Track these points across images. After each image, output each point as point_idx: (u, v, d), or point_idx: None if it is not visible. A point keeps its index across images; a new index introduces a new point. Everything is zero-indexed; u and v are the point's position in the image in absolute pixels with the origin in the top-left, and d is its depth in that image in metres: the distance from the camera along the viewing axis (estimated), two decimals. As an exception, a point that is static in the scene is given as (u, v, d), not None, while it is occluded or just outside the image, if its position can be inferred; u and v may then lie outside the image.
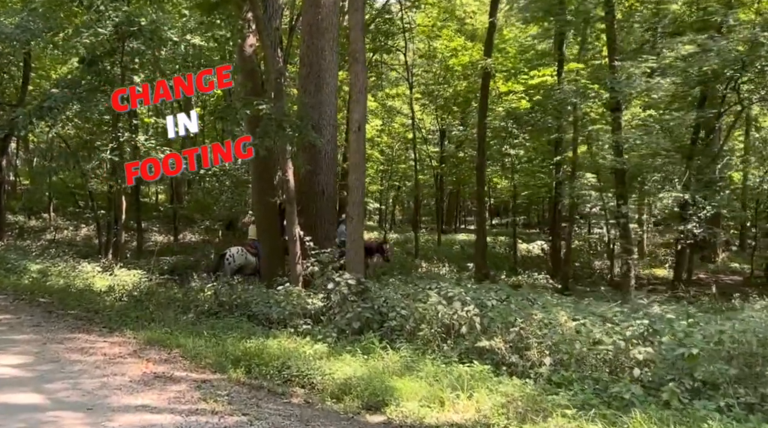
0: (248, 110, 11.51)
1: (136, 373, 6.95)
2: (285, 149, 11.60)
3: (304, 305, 9.83)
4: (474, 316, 7.60)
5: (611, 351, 6.33)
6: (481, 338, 7.22)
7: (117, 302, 12.21)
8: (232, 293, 11.05)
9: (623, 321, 7.36)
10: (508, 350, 6.92)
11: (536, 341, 6.78)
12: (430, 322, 7.95)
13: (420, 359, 7.13)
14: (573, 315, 7.63)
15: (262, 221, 14.67)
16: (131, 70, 18.86)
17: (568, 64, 21.56)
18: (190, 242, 26.83)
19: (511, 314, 7.59)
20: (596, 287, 16.97)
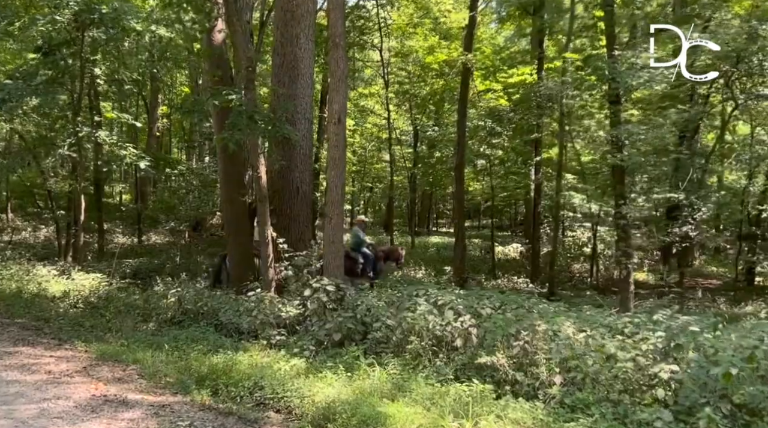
0: (217, 101, 10.56)
1: (83, 396, 5.98)
2: (257, 143, 10.68)
3: (277, 313, 8.93)
4: (470, 327, 6.78)
5: (630, 369, 5.54)
6: (480, 353, 6.40)
7: (71, 308, 11.21)
8: (198, 300, 10.12)
9: (634, 331, 6.62)
10: (512, 366, 6.11)
11: (544, 356, 5.97)
12: (419, 334, 7.11)
13: (411, 377, 6.29)
14: (579, 326, 6.86)
15: (231, 222, 13.71)
16: (92, 62, 17.72)
17: (551, 62, 20.99)
18: (155, 243, 25.74)
19: (511, 324, 6.77)
20: (581, 292, 16.35)
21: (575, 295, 15.77)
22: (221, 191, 14.06)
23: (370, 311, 8.04)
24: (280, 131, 10.51)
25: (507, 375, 6.09)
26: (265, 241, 10.81)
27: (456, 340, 6.79)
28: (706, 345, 5.58)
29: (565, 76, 14.59)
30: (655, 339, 6.12)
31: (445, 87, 24.21)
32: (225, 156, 13.46)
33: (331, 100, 9.30)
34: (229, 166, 13.59)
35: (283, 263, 11.03)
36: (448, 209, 50.15)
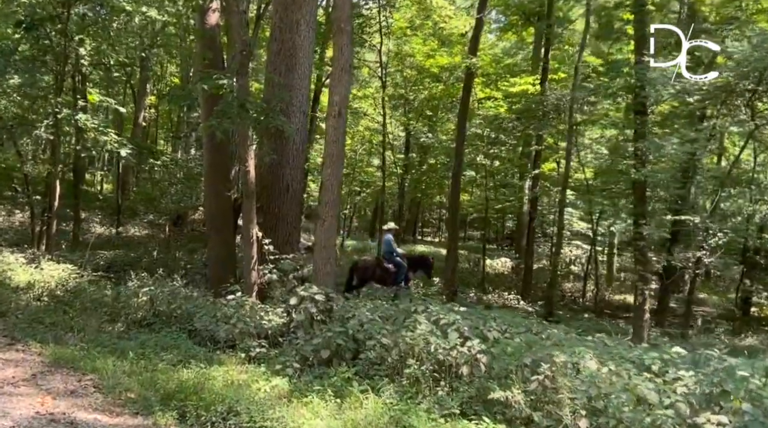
0: (206, 86, 9.70)
1: (25, 413, 5.07)
2: (246, 134, 9.84)
3: (258, 322, 8.07)
4: (478, 354, 5.95)
5: (671, 417, 4.73)
6: (491, 384, 5.57)
7: (34, 302, 10.26)
8: (172, 302, 9.22)
9: (664, 369, 5.84)
10: (528, 404, 5.29)
11: (569, 395, 5.14)
12: (419, 357, 6.27)
13: (411, 408, 5.44)
14: (599, 359, 6.06)
15: (214, 218, 12.87)
16: (77, 42, 16.77)
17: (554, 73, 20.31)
18: (134, 236, 24.74)
19: (523, 353, 5.96)
20: (578, 314, 15.60)
21: (572, 317, 15.01)
22: (205, 184, 13.20)
23: (363, 326, 7.18)
24: (273, 121, 9.66)
25: (522, 414, 5.27)
26: (249, 240, 9.96)
27: (462, 367, 5.96)
28: (762, 394, 4.79)
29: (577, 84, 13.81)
30: (690, 381, 5.35)
31: (444, 92, 23.44)
32: (211, 147, 12.63)
33: (332, 91, 8.48)
34: (215, 158, 12.75)
35: (267, 266, 10.18)
36: (433, 218, 49.49)
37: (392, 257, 14.58)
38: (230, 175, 14.67)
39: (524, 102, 20.07)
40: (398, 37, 24.81)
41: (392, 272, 14.41)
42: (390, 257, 14.58)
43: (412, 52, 25.52)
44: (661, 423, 4.70)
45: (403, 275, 14.53)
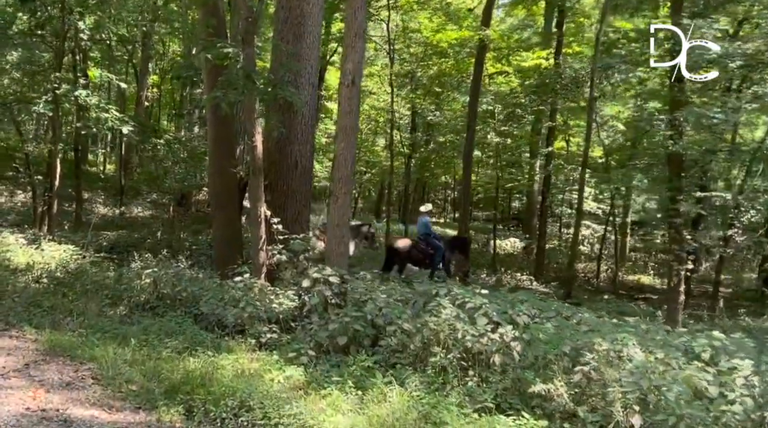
0: (210, 55, 9.11)
1: (14, 410, 4.56)
2: (253, 107, 9.26)
3: (269, 305, 7.57)
4: (512, 342, 5.44)
5: (739, 414, 4.21)
6: (530, 376, 5.05)
7: (33, 284, 9.78)
8: (177, 284, 8.71)
9: (715, 356, 5.33)
10: (572, 398, 4.78)
11: (620, 389, 4.61)
12: (444, 344, 5.77)
13: (439, 401, 4.93)
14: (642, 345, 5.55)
15: (219, 196, 12.32)
16: (76, 14, 16.16)
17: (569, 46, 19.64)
18: (137, 216, 24.31)
19: (561, 340, 5.44)
20: (596, 296, 15.08)
21: (590, 298, 14.48)
22: (209, 161, 12.66)
23: (381, 311, 6.67)
24: (281, 93, 9.09)
25: (563, 408, 4.76)
26: (257, 220, 9.45)
27: (493, 356, 5.45)
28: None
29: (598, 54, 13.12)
30: (748, 371, 4.84)
31: (454, 68, 22.74)
32: (216, 122, 12.07)
33: (344, 59, 7.89)
34: (219, 133, 12.18)
35: (276, 246, 9.67)
36: (439, 198, 48.96)
37: (429, 239, 14.41)
38: (235, 152, 14.12)
39: (537, 77, 19.39)
40: (405, 11, 24.04)
41: (429, 253, 14.29)
42: (427, 238, 14.41)
43: (419, 27, 24.79)
44: (727, 420, 4.19)
45: (440, 256, 14.40)
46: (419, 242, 14.57)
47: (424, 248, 14.39)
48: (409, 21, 25.43)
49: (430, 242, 14.48)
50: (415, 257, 14.53)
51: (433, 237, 14.71)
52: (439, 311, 6.11)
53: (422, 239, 14.58)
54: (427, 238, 14.56)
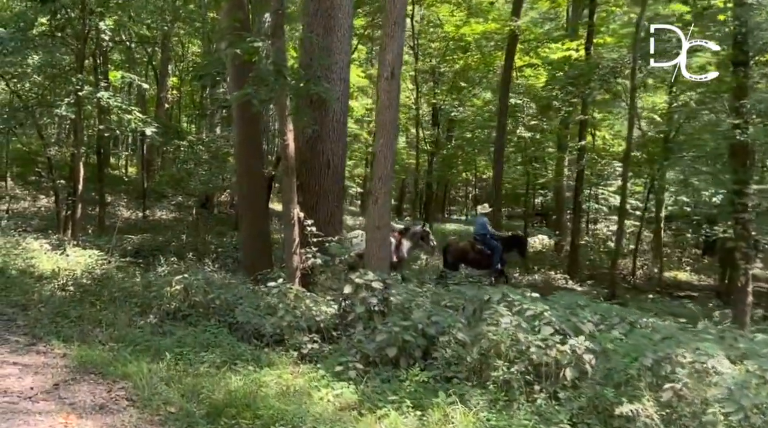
0: (238, 50, 8.67)
1: (44, 441, 4.17)
2: (284, 103, 8.83)
3: (308, 313, 7.12)
4: (585, 354, 4.94)
5: None
6: (609, 393, 4.54)
7: (59, 291, 9.43)
8: (209, 291, 8.29)
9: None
10: (662, 419, 4.27)
11: (720, 409, 4.10)
12: (506, 356, 5.29)
13: (510, 423, 4.45)
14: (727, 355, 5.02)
15: (246, 198, 11.93)
16: (97, 15, 15.87)
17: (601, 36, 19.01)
18: (161, 219, 24.05)
19: (640, 351, 4.92)
20: (638, 295, 14.46)
21: (633, 297, 13.87)
22: (237, 162, 12.28)
23: (432, 319, 6.19)
24: (314, 88, 8.64)
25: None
26: (289, 221, 9.02)
27: (564, 370, 4.96)
28: None
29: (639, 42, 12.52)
30: None
31: (480, 62, 22.19)
32: (242, 121, 11.69)
33: (383, 49, 7.41)
34: (246, 133, 11.79)
35: (310, 249, 9.24)
36: (460, 196, 48.37)
37: (486, 239, 14.14)
38: (263, 152, 13.76)
39: (568, 69, 18.78)
40: (427, 6, 23.55)
41: (487, 254, 14.05)
42: (484, 239, 14.15)
43: (441, 22, 24.27)
44: None
45: (498, 257, 14.19)
46: (476, 243, 14.27)
47: (482, 249, 14.12)
48: (430, 15, 24.96)
49: (488, 243, 14.20)
50: (472, 259, 14.32)
51: (490, 237, 14.36)
52: (497, 320, 5.62)
53: (479, 239, 14.31)
54: (484, 238, 14.26)
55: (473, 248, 14.30)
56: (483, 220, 14.74)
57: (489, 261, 14.22)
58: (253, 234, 11.87)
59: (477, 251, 14.19)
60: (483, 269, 14.39)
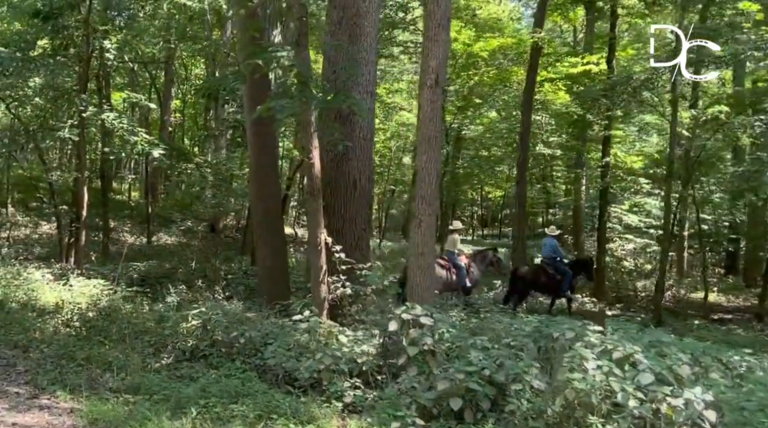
0: (260, 60, 7.87)
1: None
2: (309, 119, 8.04)
3: (348, 354, 6.25)
4: (706, 410, 4.08)
5: None
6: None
7: (62, 328, 8.62)
8: (231, 328, 7.42)
9: None
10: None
11: None
12: (598, 410, 4.43)
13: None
14: None
15: (263, 222, 11.09)
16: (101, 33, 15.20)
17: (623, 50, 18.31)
18: (166, 244, 23.20)
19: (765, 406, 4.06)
20: (681, 319, 13.56)
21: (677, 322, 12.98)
22: (251, 184, 11.49)
23: (498, 362, 5.32)
24: (347, 101, 7.85)
25: None
26: (316, 247, 8.19)
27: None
28: None
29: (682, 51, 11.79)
30: None
31: (496, 78, 21.46)
32: (257, 142, 10.92)
33: (426, 54, 6.62)
34: (261, 154, 11.00)
35: (338, 278, 8.40)
36: (465, 215, 47.68)
37: (557, 263, 13.54)
38: (278, 171, 13.01)
39: (589, 82, 18.06)
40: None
41: (557, 279, 13.35)
42: (554, 263, 13.53)
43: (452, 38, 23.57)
44: None
45: (569, 282, 13.55)
46: (547, 267, 13.61)
47: (553, 274, 13.41)
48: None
49: (558, 267, 13.53)
50: (542, 284, 13.64)
51: (560, 260, 13.77)
52: (581, 364, 4.77)
53: (549, 263, 13.65)
54: (554, 262, 13.62)
55: (544, 273, 13.57)
56: (553, 243, 14.12)
57: (558, 286, 13.52)
58: (269, 260, 11.04)
59: (548, 276, 13.47)
60: (550, 295, 13.88)
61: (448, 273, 12.79)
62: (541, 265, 14.06)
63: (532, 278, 13.60)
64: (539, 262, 14.72)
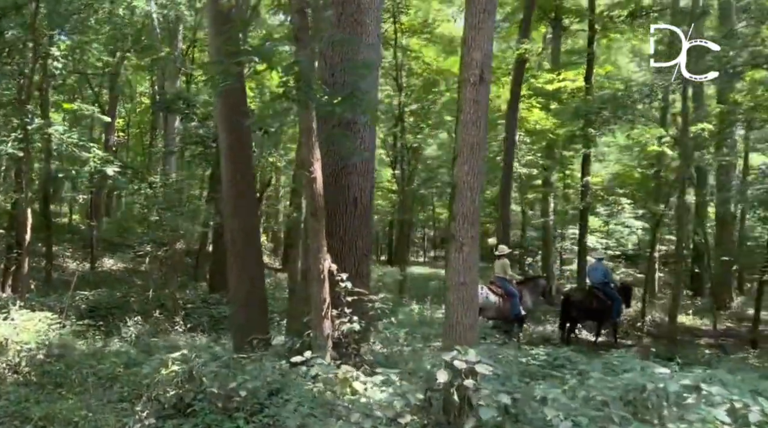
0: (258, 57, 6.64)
1: None
2: (310, 126, 6.88)
3: (378, 410, 5.04)
4: None
5: None
6: None
7: (9, 375, 7.22)
8: (222, 375, 6.08)
9: None
10: None
11: None
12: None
13: None
14: None
15: (237, 244, 9.81)
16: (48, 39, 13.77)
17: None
18: (111, 271, 21.56)
19: None
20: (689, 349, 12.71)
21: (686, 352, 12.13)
22: (226, 201, 10.20)
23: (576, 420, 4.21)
24: (360, 105, 6.70)
25: None
26: (319, 276, 7.00)
27: None
28: None
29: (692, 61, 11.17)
30: None
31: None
32: (231, 155, 9.73)
33: (468, 45, 5.55)
34: (236, 170, 9.77)
35: (345, 311, 7.21)
36: (417, 237, 47.03)
37: (607, 288, 13.12)
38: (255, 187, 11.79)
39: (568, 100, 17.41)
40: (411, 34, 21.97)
41: (608, 305, 13.00)
42: (604, 288, 13.10)
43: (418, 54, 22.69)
44: None
45: (619, 307, 13.28)
46: (598, 293, 13.11)
47: (604, 300, 12.98)
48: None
49: (608, 292, 13.08)
50: (595, 309, 13.11)
51: (610, 285, 13.32)
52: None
53: (599, 288, 13.15)
54: (605, 287, 13.13)
55: (596, 299, 13.07)
56: (603, 267, 13.65)
57: (608, 313, 13.11)
58: (247, 290, 9.76)
59: (600, 301, 13.02)
60: (604, 322, 13.50)
61: (500, 300, 12.36)
62: (592, 291, 13.46)
63: (587, 305, 13.12)
64: (588, 287, 14.18)
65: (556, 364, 8.96)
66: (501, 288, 12.55)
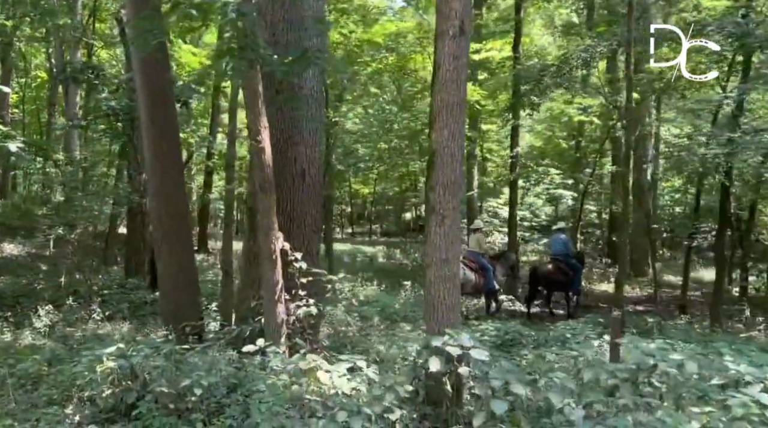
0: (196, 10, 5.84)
1: None
2: (256, 89, 6.14)
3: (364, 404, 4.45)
4: None
5: None
6: None
7: None
8: (169, 371, 5.33)
9: None
10: None
11: None
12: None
13: None
14: None
15: (164, 222, 8.92)
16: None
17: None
18: (12, 256, 19.91)
19: None
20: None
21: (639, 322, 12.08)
22: (149, 178, 9.27)
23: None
24: (316, 63, 5.99)
25: None
26: (270, 256, 6.32)
27: None
28: None
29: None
30: None
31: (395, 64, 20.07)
32: (152, 127, 8.83)
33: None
34: (160, 141, 8.86)
35: (299, 294, 6.56)
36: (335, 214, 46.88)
37: (569, 260, 13.19)
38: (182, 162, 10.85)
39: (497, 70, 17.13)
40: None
41: (570, 276, 13.07)
42: (566, 259, 13.16)
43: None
44: None
45: (580, 277, 13.45)
46: (560, 264, 13.17)
47: (567, 270, 13.05)
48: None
49: (570, 264, 13.17)
50: (559, 281, 13.15)
51: (571, 257, 13.37)
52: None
53: (561, 260, 13.19)
54: (566, 258, 13.21)
55: (560, 270, 13.09)
56: (564, 238, 13.69)
57: (570, 283, 13.16)
58: (176, 272, 8.91)
59: (563, 272, 13.03)
60: (566, 293, 13.42)
61: (476, 276, 12.32)
62: (555, 263, 13.46)
63: (552, 277, 13.17)
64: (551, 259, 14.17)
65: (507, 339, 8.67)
66: (475, 263, 12.46)
